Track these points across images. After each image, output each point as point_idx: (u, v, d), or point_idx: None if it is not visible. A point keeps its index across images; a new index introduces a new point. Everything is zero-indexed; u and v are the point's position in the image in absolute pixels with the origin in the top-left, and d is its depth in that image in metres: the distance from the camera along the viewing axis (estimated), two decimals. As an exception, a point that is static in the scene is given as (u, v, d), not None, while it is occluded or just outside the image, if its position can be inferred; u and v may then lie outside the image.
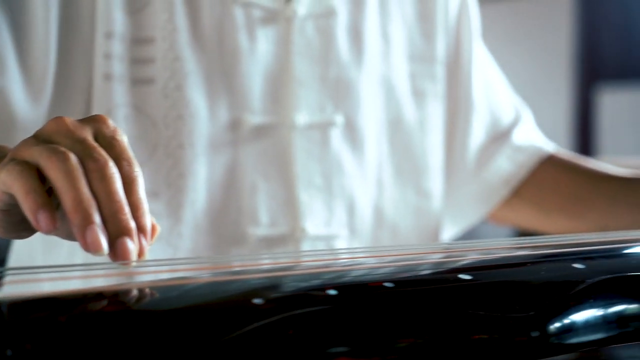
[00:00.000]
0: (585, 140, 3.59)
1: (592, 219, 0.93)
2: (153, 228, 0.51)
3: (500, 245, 0.63)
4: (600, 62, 3.62)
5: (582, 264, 0.52)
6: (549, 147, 0.98)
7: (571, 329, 0.48)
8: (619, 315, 0.50)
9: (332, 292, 0.44)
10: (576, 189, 0.94)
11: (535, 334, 0.47)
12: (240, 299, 0.44)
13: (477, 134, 0.95)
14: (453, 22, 0.94)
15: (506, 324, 0.46)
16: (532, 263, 0.54)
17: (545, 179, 0.96)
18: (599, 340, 0.49)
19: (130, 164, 0.50)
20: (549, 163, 0.96)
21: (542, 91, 3.83)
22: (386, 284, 0.46)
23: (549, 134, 3.73)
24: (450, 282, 0.48)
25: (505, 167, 0.96)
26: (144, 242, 0.50)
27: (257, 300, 0.43)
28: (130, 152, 0.51)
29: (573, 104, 3.68)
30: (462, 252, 0.62)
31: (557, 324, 0.47)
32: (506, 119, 0.98)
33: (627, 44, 3.56)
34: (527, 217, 0.98)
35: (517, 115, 0.99)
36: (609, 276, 0.51)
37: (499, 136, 0.97)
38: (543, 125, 3.89)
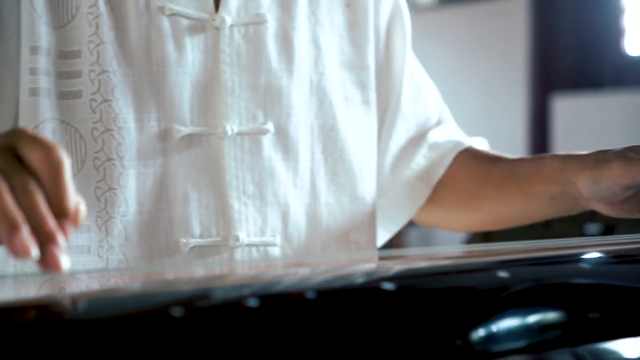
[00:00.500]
0: (540, 147, 3.62)
1: (486, 210, 0.94)
2: (77, 212, 0.53)
3: (429, 254, 0.63)
4: (555, 71, 3.65)
5: (507, 272, 0.52)
6: (465, 142, 0.98)
7: (495, 336, 0.48)
8: (542, 323, 0.50)
9: (254, 303, 0.44)
10: (468, 183, 0.95)
11: (458, 342, 0.47)
12: (156, 311, 0.44)
13: (400, 138, 0.96)
14: (384, 30, 0.95)
15: (429, 333, 0.47)
16: (457, 272, 0.54)
17: (447, 176, 0.96)
18: (522, 348, 0.49)
19: (52, 153, 0.53)
20: (457, 160, 0.97)
21: (498, 98, 3.86)
22: (308, 295, 0.46)
23: (505, 140, 3.78)
24: (372, 292, 0.48)
25: (423, 164, 0.96)
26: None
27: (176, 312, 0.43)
28: (52, 144, 0.54)
29: (529, 111, 3.71)
30: (389, 262, 0.62)
31: (481, 332, 0.47)
32: (429, 124, 0.99)
33: (581, 53, 3.61)
34: (436, 217, 0.99)
35: (440, 119, 1.00)
36: (532, 284, 0.51)
37: (419, 139, 0.97)
38: (500, 131, 3.95)
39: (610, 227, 1.98)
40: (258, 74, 0.84)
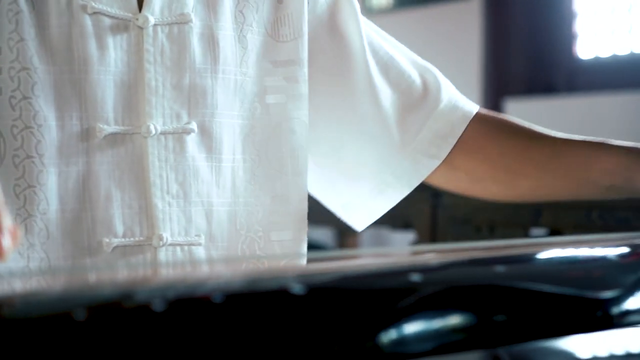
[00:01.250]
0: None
1: (525, 187, 0.93)
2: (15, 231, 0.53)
3: (347, 256, 0.63)
4: (508, 75, 3.68)
5: (418, 275, 0.52)
6: (472, 108, 0.96)
7: (404, 339, 0.48)
8: (451, 326, 0.50)
9: (159, 308, 0.44)
10: (504, 159, 0.93)
11: (369, 344, 0.47)
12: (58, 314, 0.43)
13: (392, 117, 0.94)
14: (326, 16, 0.94)
15: (339, 336, 0.47)
16: (371, 276, 0.54)
17: (474, 146, 0.94)
18: (431, 350, 0.50)
19: None
20: (475, 128, 0.94)
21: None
22: (214, 299, 0.46)
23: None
24: (282, 295, 0.48)
25: (430, 137, 0.94)
26: (4, 241, 0.52)
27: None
28: None
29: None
30: (303, 264, 0.62)
31: (390, 335, 0.48)
32: (416, 90, 0.96)
33: (534, 58, 3.64)
34: (461, 185, 0.97)
35: (427, 82, 0.96)
36: (442, 287, 0.52)
37: (415, 108, 0.95)
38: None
39: (555, 231, 2.00)
40: (182, 73, 0.84)
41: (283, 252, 0.89)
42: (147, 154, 0.82)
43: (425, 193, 1.77)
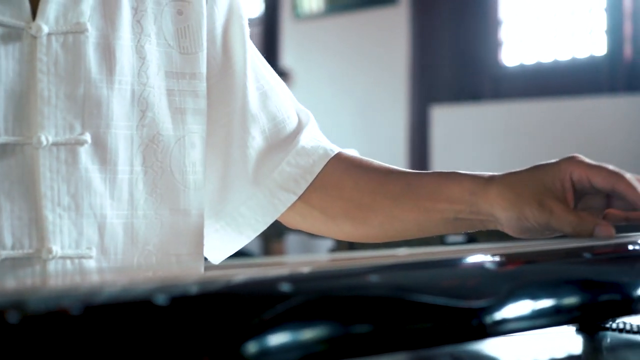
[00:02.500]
0: (420, 156, 3.68)
1: (377, 224, 0.92)
2: None
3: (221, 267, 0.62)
4: (435, 82, 3.72)
5: (289, 285, 0.52)
6: (334, 148, 0.97)
7: (268, 350, 0.48)
8: (318, 336, 0.50)
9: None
10: (359, 194, 0.93)
11: (233, 355, 0.47)
12: None
13: (257, 144, 0.94)
14: (220, 34, 0.94)
15: (202, 347, 0.46)
16: (236, 285, 0.53)
17: (330, 183, 0.94)
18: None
19: None
20: (334, 166, 0.95)
21: (379, 107, 3.90)
22: (72, 311, 0.45)
23: (385, 149, 3.82)
24: (144, 306, 0.47)
25: (289, 172, 0.94)
26: None
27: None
28: None
29: (409, 121, 3.77)
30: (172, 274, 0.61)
31: (256, 345, 0.47)
32: (289, 125, 0.97)
33: (460, 64, 3.68)
34: (315, 224, 0.97)
35: (301, 120, 0.98)
36: (312, 298, 0.51)
37: (282, 142, 0.95)
38: (380, 141, 3.99)
39: (472, 238, 2.02)
40: (76, 83, 0.83)
41: (179, 266, 0.88)
42: (38, 165, 0.81)
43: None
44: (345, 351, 0.52)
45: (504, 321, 0.58)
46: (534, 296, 0.60)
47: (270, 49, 4.36)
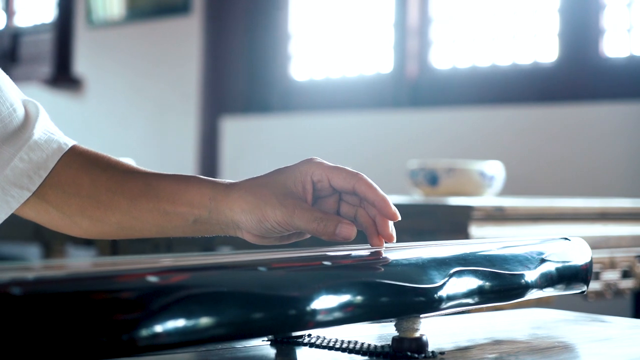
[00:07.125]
0: (210, 166, 3.70)
1: (114, 222, 0.92)
2: None
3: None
4: (226, 93, 3.75)
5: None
6: (68, 142, 0.95)
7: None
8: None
9: None
10: (96, 192, 0.92)
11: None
12: None
13: None
14: None
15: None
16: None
17: (66, 180, 0.93)
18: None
19: None
20: (70, 162, 0.93)
21: (170, 117, 3.90)
22: None
23: (175, 159, 3.80)
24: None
25: (22, 168, 0.92)
26: None
27: None
28: None
29: (199, 131, 3.78)
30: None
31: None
32: (16, 118, 0.93)
33: (251, 77, 3.72)
34: (53, 220, 0.95)
35: (29, 112, 0.95)
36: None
37: (11, 137, 0.92)
38: (170, 150, 3.96)
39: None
40: None
41: None
42: None
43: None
44: None
45: (157, 335, 0.59)
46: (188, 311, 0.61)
47: (63, 55, 4.27)
